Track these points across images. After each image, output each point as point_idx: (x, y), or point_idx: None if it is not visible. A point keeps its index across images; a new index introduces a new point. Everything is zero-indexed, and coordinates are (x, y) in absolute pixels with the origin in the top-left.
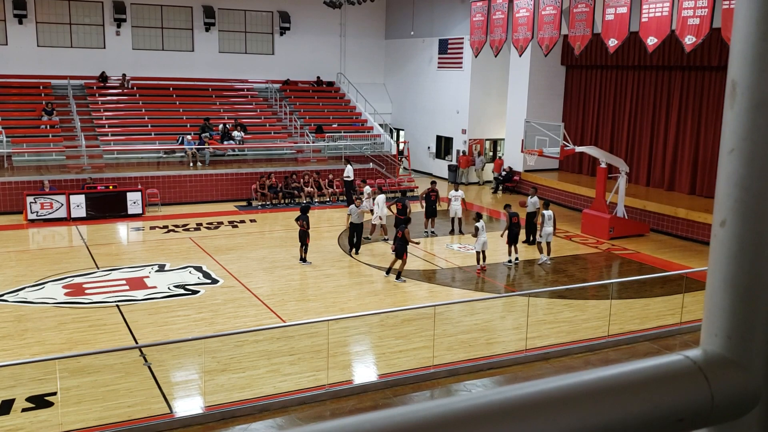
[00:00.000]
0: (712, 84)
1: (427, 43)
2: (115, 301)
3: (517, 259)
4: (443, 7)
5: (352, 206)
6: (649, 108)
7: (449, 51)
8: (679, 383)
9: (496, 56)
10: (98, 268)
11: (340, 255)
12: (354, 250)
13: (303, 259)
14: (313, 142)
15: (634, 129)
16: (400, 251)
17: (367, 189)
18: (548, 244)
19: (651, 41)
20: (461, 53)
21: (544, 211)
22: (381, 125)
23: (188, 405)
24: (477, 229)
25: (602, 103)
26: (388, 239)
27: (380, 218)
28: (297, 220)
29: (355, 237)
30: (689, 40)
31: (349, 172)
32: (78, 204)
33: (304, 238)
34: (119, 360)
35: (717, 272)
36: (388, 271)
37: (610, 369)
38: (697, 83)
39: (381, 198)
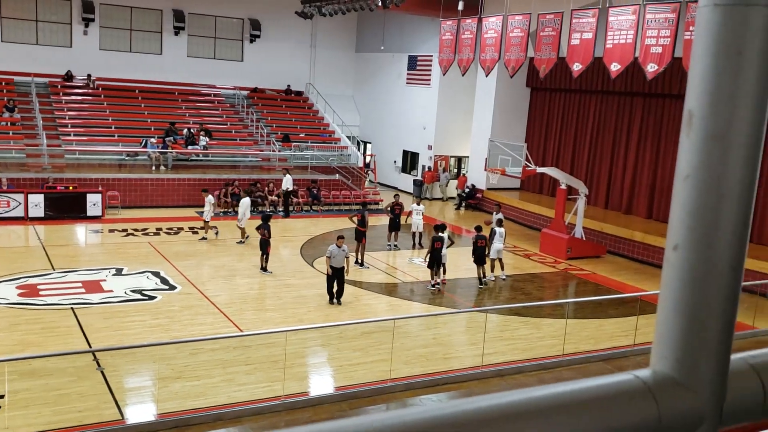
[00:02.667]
0: (672, 111)
1: (397, 59)
2: (70, 304)
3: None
4: (414, 24)
5: (333, 247)
6: (609, 132)
7: (418, 67)
8: (628, 402)
9: (463, 75)
10: (54, 270)
11: (300, 265)
12: (336, 299)
13: (264, 269)
14: (279, 151)
15: (594, 152)
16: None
17: (210, 198)
18: (500, 260)
19: (614, 67)
20: (430, 70)
21: (497, 228)
22: (348, 137)
23: (141, 412)
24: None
25: (565, 125)
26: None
27: (240, 221)
28: (258, 228)
29: (336, 284)
30: (651, 68)
31: (287, 182)
32: (36, 204)
33: (265, 246)
34: (71, 364)
35: (668, 296)
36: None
37: (562, 386)
38: (658, 110)
39: (246, 201)
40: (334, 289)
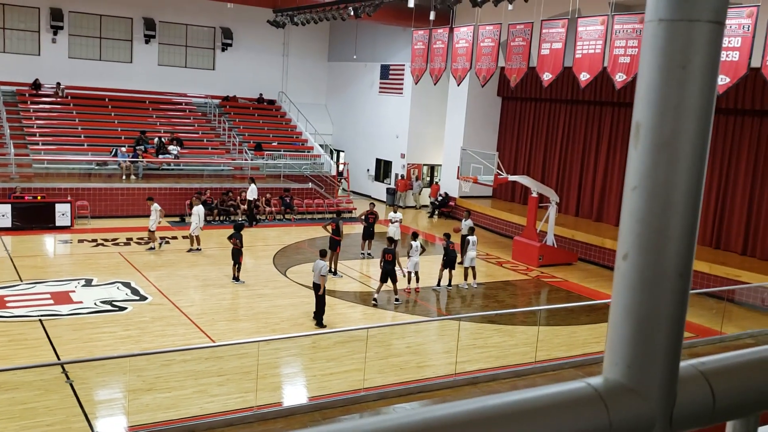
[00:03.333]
0: None
1: (369, 68)
2: (38, 316)
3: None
4: (386, 33)
5: (320, 262)
6: (580, 141)
7: (390, 76)
8: (579, 410)
9: (435, 84)
10: (22, 281)
11: (273, 274)
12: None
13: (236, 278)
14: (252, 160)
15: (564, 160)
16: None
17: (156, 206)
18: (473, 268)
19: (584, 77)
20: (402, 79)
21: (469, 237)
22: (321, 146)
23: (111, 425)
24: (410, 246)
25: (535, 134)
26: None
27: (195, 230)
28: (230, 238)
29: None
30: (620, 78)
31: (252, 192)
32: (3, 214)
33: (237, 256)
34: (39, 377)
35: (619, 303)
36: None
37: (513, 395)
38: (627, 119)
39: (199, 209)
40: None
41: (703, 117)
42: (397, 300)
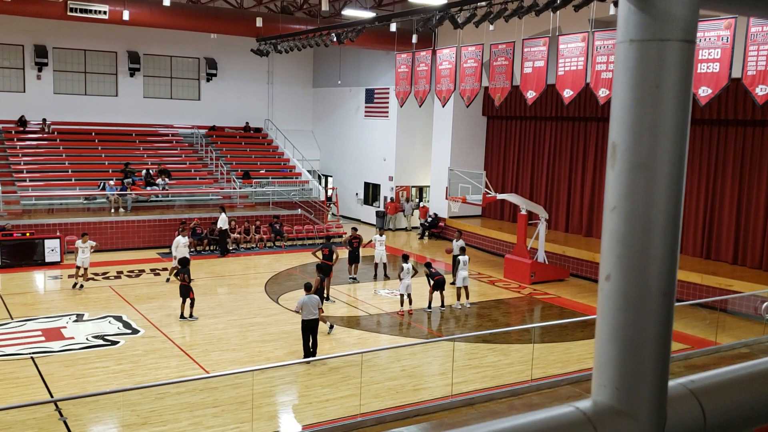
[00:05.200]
0: None
1: (354, 92)
2: (30, 353)
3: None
4: (369, 57)
5: (305, 299)
6: (566, 157)
7: (375, 100)
8: None
9: (420, 106)
10: (12, 319)
11: (266, 302)
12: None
13: (185, 316)
14: (240, 188)
15: (552, 177)
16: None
17: (90, 242)
18: (466, 288)
19: (567, 93)
20: (387, 102)
21: (460, 257)
22: (309, 171)
23: None
24: (402, 269)
25: (522, 152)
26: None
27: (175, 257)
28: (177, 274)
29: (311, 338)
30: (603, 93)
31: (222, 221)
32: None
33: (186, 292)
34: (32, 415)
35: (604, 325)
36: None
37: (503, 422)
38: None
39: (178, 240)
40: (311, 343)
41: (679, 135)
42: (429, 308)
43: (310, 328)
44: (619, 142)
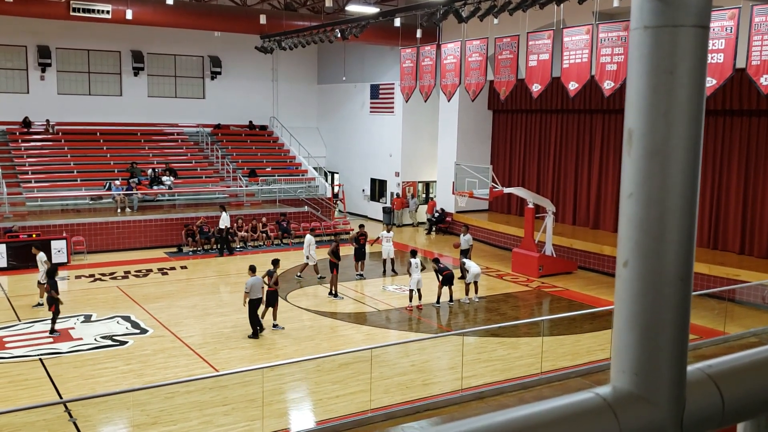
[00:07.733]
0: None
1: (359, 88)
2: (38, 355)
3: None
4: (374, 53)
5: (252, 280)
6: (572, 149)
7: (380, 96)
8: (589, 420)
9: (425, 101)
10: (20, 321)
11: None
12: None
13: (52, 330)
14: (246, 186)
15: (559, 170)
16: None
17: (41, 256)
18: (476, 284)
19: (572, 86)
20: (392, 98)
21: (465, 260)
22: (315, 168)
23: None
24: (410, 264)
25: (528, 145)
26: (323, 277)
27: (308, 257)
28: (45, 284)
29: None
30: (608, 85)
31: (224, 220)
32: None
33: (51, 304)
34: (42, 417)
35: (622, 311)
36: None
37: (523, 409)
38: (618, 125)
39: (309, 238)
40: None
41: (694, 120)
42: (437, 303)
43: (257, 307)
44: (635, 128)
